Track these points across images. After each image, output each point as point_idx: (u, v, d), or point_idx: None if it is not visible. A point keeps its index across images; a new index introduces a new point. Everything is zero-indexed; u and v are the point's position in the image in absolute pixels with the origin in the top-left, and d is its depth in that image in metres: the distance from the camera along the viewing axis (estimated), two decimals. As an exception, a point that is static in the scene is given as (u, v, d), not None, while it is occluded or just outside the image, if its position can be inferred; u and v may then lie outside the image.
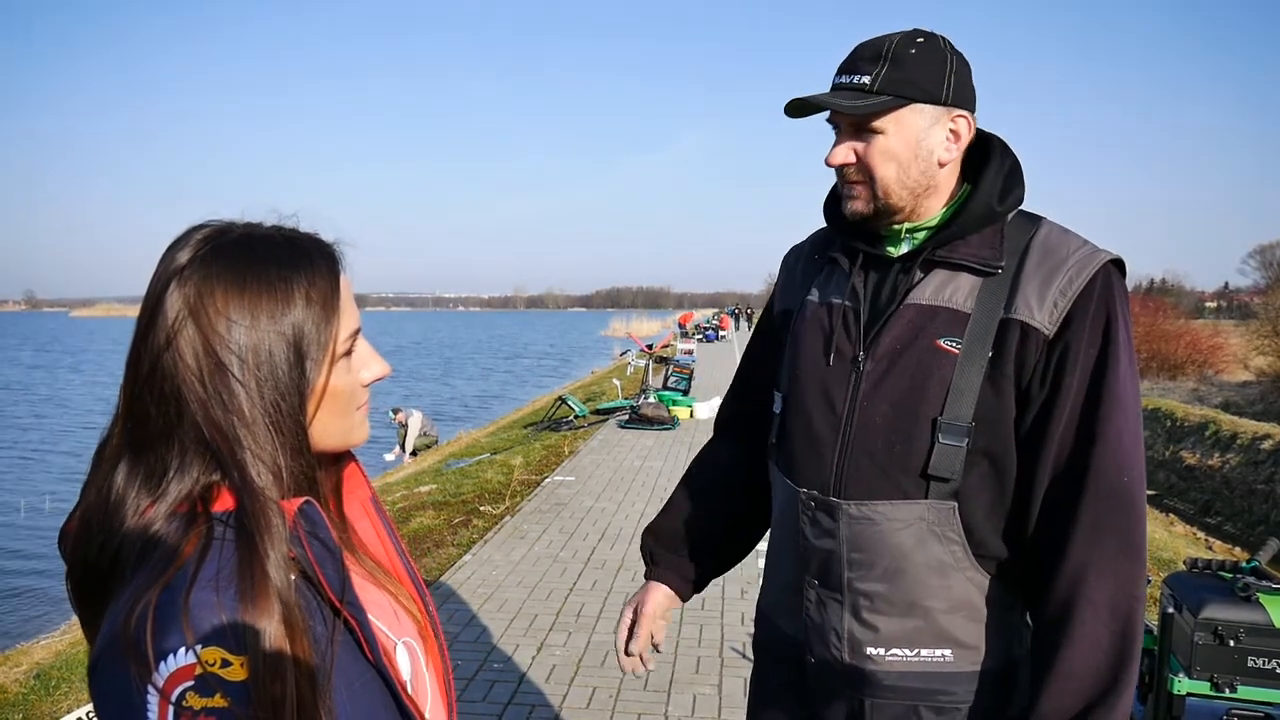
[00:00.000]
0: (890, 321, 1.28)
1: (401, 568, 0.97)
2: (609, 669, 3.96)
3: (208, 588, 0.71)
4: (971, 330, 1.23)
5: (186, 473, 0.77)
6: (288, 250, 0.83)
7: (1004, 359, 1.22)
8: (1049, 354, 1.21)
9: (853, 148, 1.28)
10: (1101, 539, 1.18)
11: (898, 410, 1.25)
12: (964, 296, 1.25)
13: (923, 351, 1.25)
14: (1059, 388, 1.21)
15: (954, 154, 1.28)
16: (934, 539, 1.25)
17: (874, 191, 1.28)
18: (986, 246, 1.26)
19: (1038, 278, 1.23)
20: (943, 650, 1.27)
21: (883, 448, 1.26)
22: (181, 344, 0.76)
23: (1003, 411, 1.23)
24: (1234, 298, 77.18)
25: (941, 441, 1.22)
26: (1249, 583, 2.33)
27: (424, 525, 6.59)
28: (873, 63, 1.24)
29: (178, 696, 0.67)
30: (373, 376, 0.90)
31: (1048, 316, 1.21)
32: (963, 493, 1.24)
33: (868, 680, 1.29)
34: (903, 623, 1.27)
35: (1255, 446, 12.38)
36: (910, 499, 1.24)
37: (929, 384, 1.23)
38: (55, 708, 3.89)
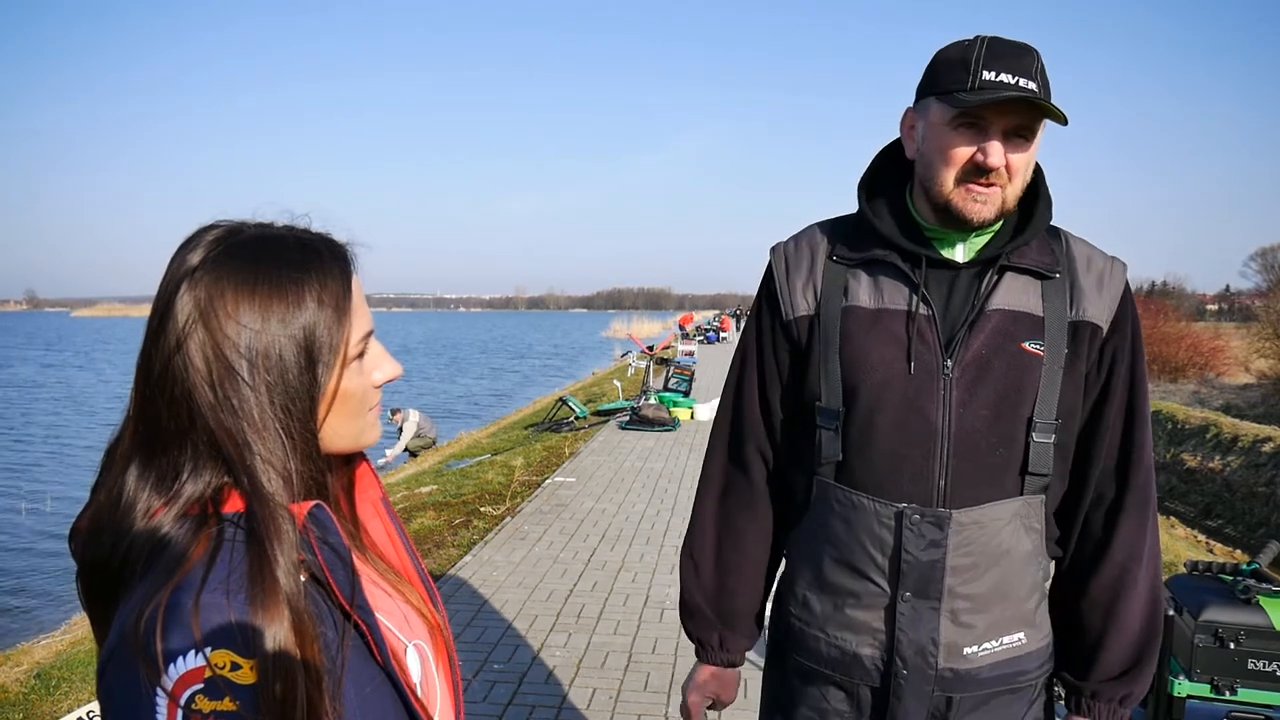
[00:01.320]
0: (976, 327, 1.30)
1: (412, 568, 0.97)
2: (609, 669, 3.96)
3: (218, 590, 0.71)
4: (1049, 331, 1.31)
5: (199, 476, 0.77)
6: (299, 252, 0.82)
7: (1078, 357, 1.32)
8: (1103, 348, 1.34)
9: (1004, 151, 1.24)
10: (1146, 505, 1.36)
11: (997, 414, 1.29)
12: (1034, 300, 1.32)
13: (1011, 355, 1.30)
14: (1112, 377, 1.34)
15: None
16: (1024, 531, 1.33)
17: (1005, 197, 1.27)
18: (1044, 253, 1.34)
19: (1091, 280, 1.34)
20: (1019, 634, 1.36)
21: (985, 451, 1.29)
22: (192, 347, 0.76)
23: (1078, 406, 1.34)
24: (1235, 300, 77.14)
25: (1036, 440, 1.30)
26: (1249, 585, 2.33)
27: (425, 526, 6.59)
28: (1032, 70, 1.22)
29: (187, 699, 0.67)
30: (385, 378, 0.89)
31: (1105, 315, 1.33)
32: (1050, 485, 1.35)
33: (959, 679, 1.33)
34: (993, 615, 1.34)
35: (1256, 449, 12.37)
36: (1010, 497, 1.31)
37: (1023, 386, 1.29)
38: (56, 707, 3.90)
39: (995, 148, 1.23)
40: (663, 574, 5.39)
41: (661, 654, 4.15)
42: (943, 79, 1.26)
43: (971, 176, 1.25)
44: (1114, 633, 1.36)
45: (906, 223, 1.35)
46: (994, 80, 1.21)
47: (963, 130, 1.25)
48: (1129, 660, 1.37)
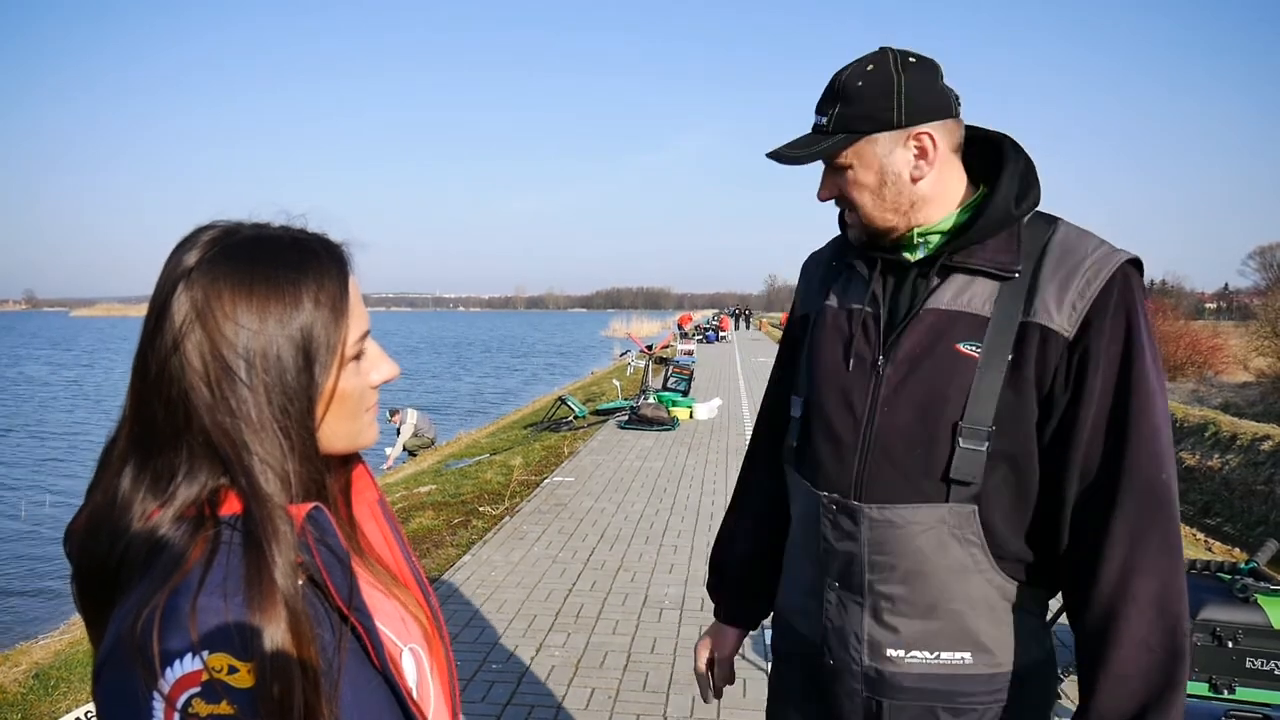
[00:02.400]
0: (910, 327, 1.30)
1: (408, 572, 0.97)
2: (607, 669, 3.96)
3: (215, 593, 0.70)
4: (991, 334, 1.24)
5: (195, 477, 0.76)
6: (296, 252, 0.82)
7: (1024, 362, 1.22)
8: (1070, 356, 1.21)
9: (834, 182, 1.33)
10: (1144, 538, 1.18)
11: (919, 415, 1.26)
12: (982, 301, 1.26)
13: (943, 356, 1.26)
14: (1082, 388, 1.21)
15: (926, 169, 1.29)
16: (954, 542, 1.26)
17: (862, 218, 1.33)
18: (1003, 250, 1.27)
19: (1056, 280, 1.23)
20: (962, 653, 1.28)
21: (903, 452, 1.27)
22: (188, 348, 0.76)
23: (1024, 414, 1.23)
24: (1234, 299, 77.23)
25: (962, 446, 1.23)
26: (1247, 584, 2.33)
27: (423, 526, 6.59)
28: (830, 102, 1.30)
29: (184, 703, 0.67)
30: (382, 378, 0.89)
31: (1067, 319, 1.21)
32: (983, 496, 1.25)
33: (887, 682, 1.30)
34: (923, 625, 1.28)
35: (1255, 448, 12.38)
36: (931, 502, 1.25)
37: (949, 388, 1.24)
38: (54, 708, 3.89)
39: (821, 186, 1.36)
40: (661, 574, 5.39)
41: (660, 654, 4.15)
42: None
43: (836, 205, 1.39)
44: (1104, 682, 1.18)
45: None
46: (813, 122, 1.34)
47: None
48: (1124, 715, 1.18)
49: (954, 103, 1.30)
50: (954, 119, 1.30)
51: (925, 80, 1.28)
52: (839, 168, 1.31)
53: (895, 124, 1.26)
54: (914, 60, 1.28)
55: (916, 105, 1.26)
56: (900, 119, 1.26)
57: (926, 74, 1.28)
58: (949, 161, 1.31)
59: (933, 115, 1.27)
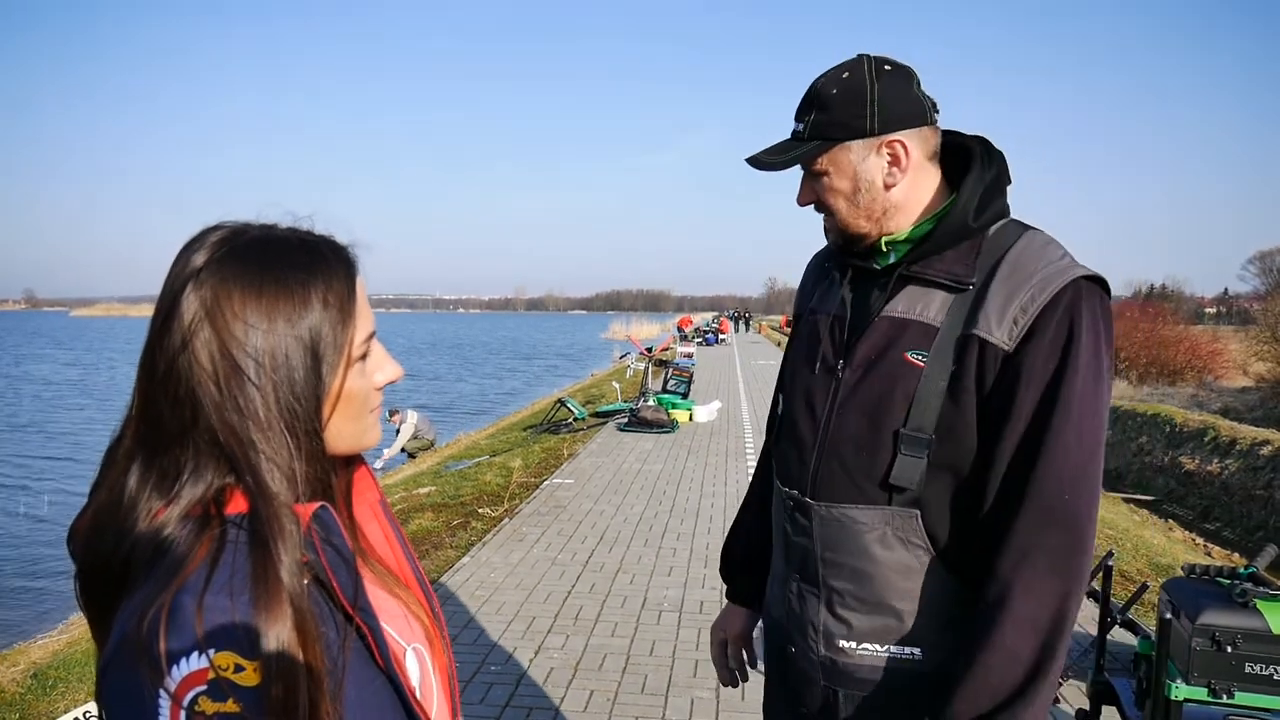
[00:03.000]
0: (866, 333, 1.34)
1: (410, 572, 0.97)
2: (606, 671, 3.97)
3: (221, 592, 0.71)
4: (937, 344, 1.26)
5: (201, 476, 0.77)
6: (304, 253, 0.82)
7: (964, 373, 1.23)
8: (1006, 369, 1.21)
9: (811, 188, 1.36)
10: (1031, 556, 1.18)
11: (866, 419, 1.31)
12: (935, 311, 1.28)
13: (892, 363, 1.29)
14: (1012, 402, 1.21)
15: (899, 176, 1.30)
16: (899, 544, 1.29)
17: (838, 224, 1.36)
18: (960, 262, 1.28)
19: (1001, 294, 1.23)
20: (912, 649, 1.31)
21: (851, 454, 1.31)
22: (197, 346, 0.76)
23: (963, 425, 1.24)
24: (1234, 304, 77.29)
25: (903, 453, 1.26)
26: (1247, 589, 2.33)
27: (423, 527, 6.59)
28: (807, 109, 1.32)
29: (190, 701, 0.67)
30: (386, 379, 0.89)
31: (1007, 333, 1.22)
32: (925, 502, 1.27)
33: (840, 672, 1.36)
34: (873, 620, 1.32)
35: (1254, 452, 12.39)
36: (875, 505, 1.29)
37: (894, 395, 1.28)
38: (52, 707, 3.89)
39: (800, 191, 1.38)
40: (660, 576, 5.40)
41: (659, 656, 4.16)
42: None
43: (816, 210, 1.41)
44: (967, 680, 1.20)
45: None
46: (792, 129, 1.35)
47: None
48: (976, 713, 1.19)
49: (929, 110, 1.31)
50: (929, 126, 1.31)
51: (899, 88, 1.29)
52: (816, 174, 1.33)
53: (868, 131, 1.28)
54: (889, 68, 1.30)
55: (890, 113, 1.28)
56: (873, 126, 1.28)
57: (901, 81, 1.29)
58: (923, 169, 1.32)
59: (906, 123, 1.29)
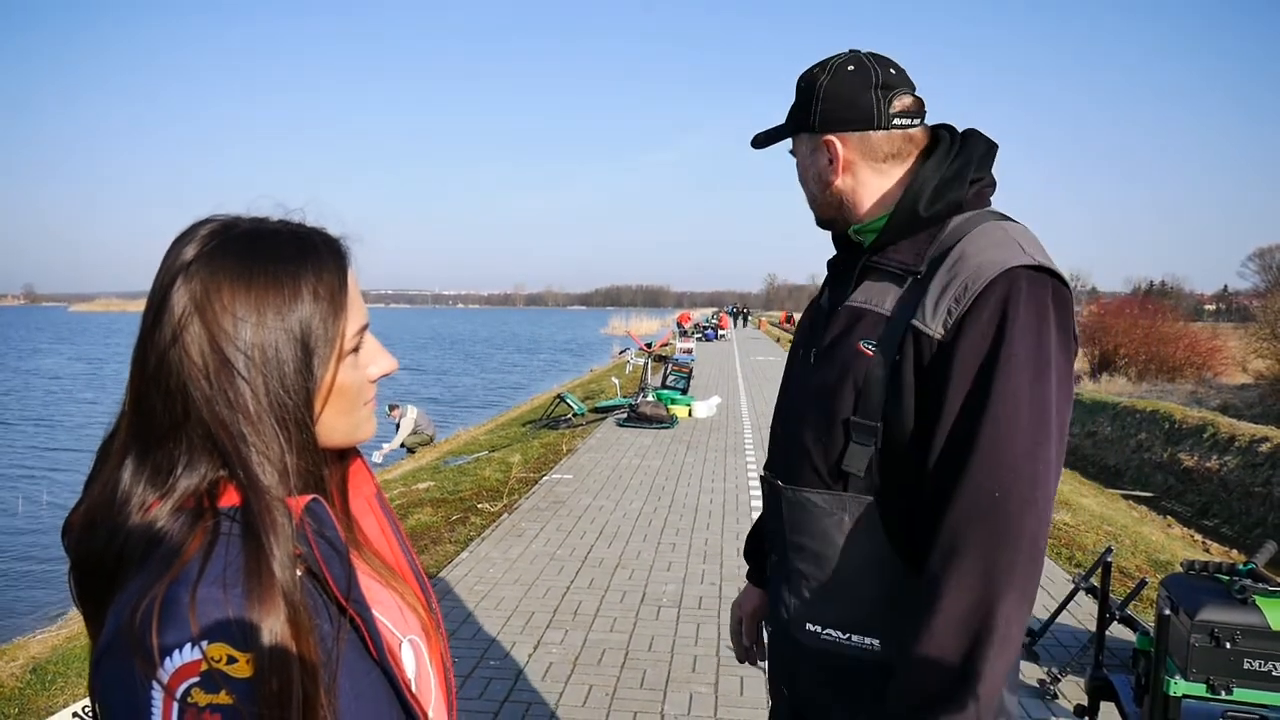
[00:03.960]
0: (830, 322, 1.37)
1: (405, 564, 0.97)
2: (605, 667, 3.97)
3: (214, 584, 0.71)
4: (884, 334, 1.27)
5: (193, 469, 0.77)
6: (294, 245, 0.82)
7: (904, 364, 1.24)
8: (938, 360, 1.20)
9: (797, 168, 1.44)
10: (960, 552, 1.14)
11: (819, 406, 1.33)
12: (890, 301, 1.29)
13: (846, 352, 1.31)
14: (942, 395, 1.19)
15: (837, 175, 1.35)
16: (858, 531, 1.29)
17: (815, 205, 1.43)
18: (912, 253, 1.29)
19: (939, 284, 1.22)
20: (871, 639, 1.30)
21: (810, 440, 1.34)
22: (187, 340, 0.76)
23: (904, 415, 1.23)
24: (1233, 301, 77.28)
25: (854, 440, 1.28)
26: (1246, 585, 2.34)
27: (422, 522, 6.59)
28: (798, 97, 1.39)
29: (183, 693, 0.67)
30: (380, 372, 0.89)
31: (940, 323, 1.20)
32: (881, 490, 1.27)
33: (804, 652, 1.38)
34: (833, 605, 1.33)
35: (1253, 449, 12.40)
36: (831, 490, 1.31)
37: (844, 383, 1.30)
38: (51, 702, 3.90)
39: None
40: (659, 571, 5.40)
41: (658, 651, 4.16)
42: None
43: None
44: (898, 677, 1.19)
45: None
46: None
47: None
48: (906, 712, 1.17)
49: (880, 114, 1.30)
50: (880, 130, 1.31)
51: (851, 88, 1.30)
52: (793, 156, 1.43)
53: (811, 127, 1.35)
54: (851, 67, 1.31)
55: (830, 114, 1.32)
56: (815, 123, 1.34)
57: (855, 81, 1.30)
58: (869, 169, 1.34)
59: (845, 125, 1.32)
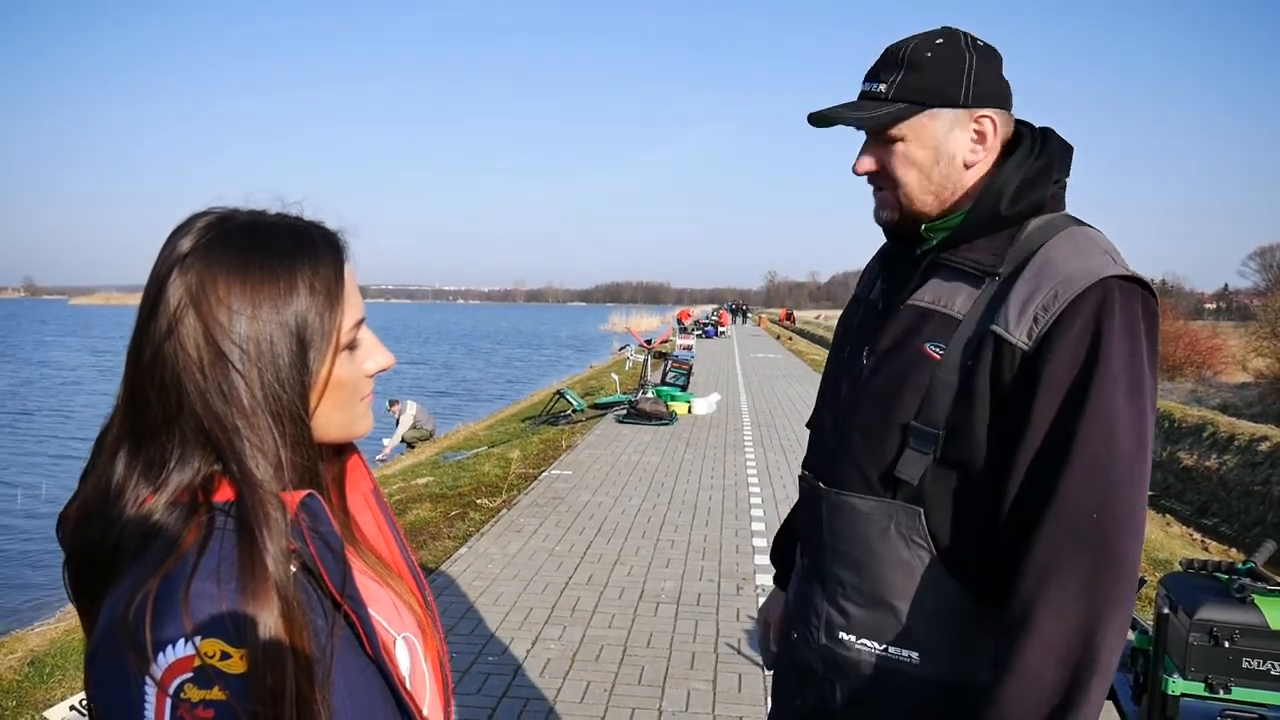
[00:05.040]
0: (890, 321, 1.30)
1: (402, 561, 0.97)
2: (604, 663, 3.97)
3: (208, 579, 0.70)
4: (956, 338, 1.21)
5: (187, 463, 0.76)
6: (291, 239, 0.82)
7: (979, 370, 1.17)
8: (1025, 371, 1.15)
9: (877, 155, 1.27)
10: (1059, 576, 1.10)
11: (877, 409, 1.28)
12: (961, 302, 1.22)
13: (909, 354, 1.25)
14: (1030, 408, 1.14)
15: (981, 155, 1.25)
16: (900, 540, 1.24)
17: (898, 198, 1.27)
18: (990, 252, 1.22)
19: (1024, 290, 1.17)
20: (910, 652, 1.25)
21: (860, 442, 1.29)
22: (182, 333, 0.76)
23: (974, 423, 1.18)
24: (1233, 299, 77.25)
25: (910, 446, 1.22)
26: (1245, 584, 2.33)
27: (420, 517, 6.59)
28: (891, 69, 1.24)
29: (176, 688, 0.67)
30: (377, 367, 0.89)
31: (1025, 332, 1.15)
32: (929, 500, 1.22)
33: (838, 664, 1.32)
34: (871, 615, 1.28)
35: (1253, 448, 12.40)
36: (878, 496, 1.26)
37: (905, 387, 1.23)
38: (49, 695, 3.90)
39: (859, 157, 1.30)
40: (658, 568, 5.40)
41: (656, 648, 4.16)
42: None
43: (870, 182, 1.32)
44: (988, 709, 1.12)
45: None
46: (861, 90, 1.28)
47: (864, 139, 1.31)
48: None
49: (1010, 95, 1.29)
50: (1009, 112, 1.28)
51: (992, 65, 1.25)
52: (888, 140, 1.24)
53: (961, 102, 1.22)
54: (981, 44, 1.26)
55: (983, 88, 1.23)
56: (968, 97, 1.22)
57: (993, 60, 1.26)
58: (996, 152, 1.27)
59: (996, 102, 1.25)
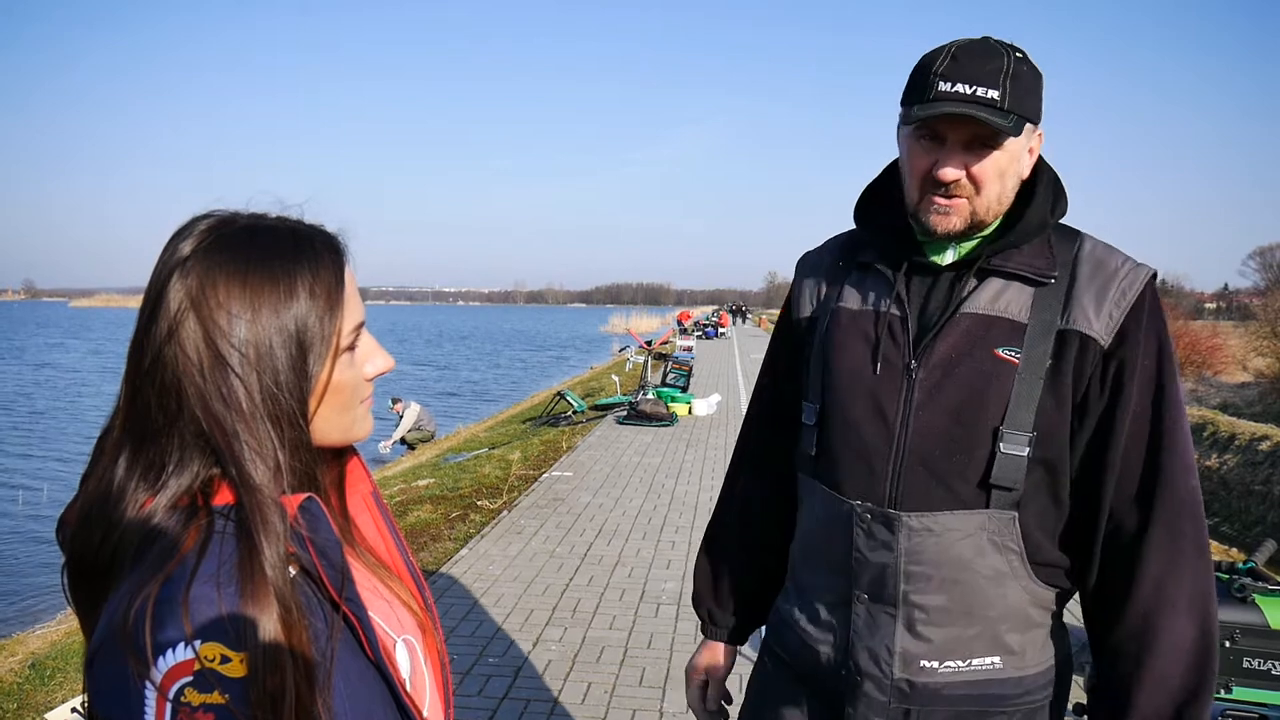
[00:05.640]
0: (945, 330, 1.27)
1: (401, 563, 0.97)
2: (604, 664, 3.97)
3: (208, 583, 0.70)
4: (1030, 340, 1.24)
5: (186, 466, 0.76)
6: (292, 242, 0.82)
7: (1063, 369, 1.23)
8: (1105, 364, 1.23)
9: (965, 161, 1.24)
10: (1179, 543, 1.20)
11: (957, 419, 1.24)
12: (1019, 306, 1.26)
13: (981, 361, 1.24)
14: (1119, 397, 1.22)
15: (1029, 168, 1.29)
16: (993, 549, 1.25)
17: (974, 207, 1.25)
18: (1040, 257, 1.27)
19: (1092, 289, 1.24)
20: (992, 658, 1.27)
21: (941, 457, 1.25)
22: (182, 336, 0.76)
23: (1061, 421, 1.24)
24: (1233, 299, 77.18)
25: (1004, 451, 1.22)
26: (1245, 584, 2.33)
27: (421, 519, 6.59)
28: (996, 77, 1.20)
29: (176, 692, 0.67)
30: (376, 371, 0.89)
31: (1104, 327, 1.22)
32: (1022, 502, 1.25)
33: (919, 693, 1.28)
34: (959, 633, 1.27)
35: (1253, 448, 12.39)
36: (970, 509, 1.24)
37: (989, 393, 1.23)
38: (50, 698, 3.90)
39: (949, 161, 1.23)
40: (659, 569, 5.40)
41: (657, 649, 4.16)
42: (909, 89, 1.26)
43: (932, 188, 1.25)
44: (1141, 692, 1.20)
45: (905, 227, 1.35)
46: (949, 91, 1.20)
47: (924, 142, 1.25)
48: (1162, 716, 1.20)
49: None
50: None
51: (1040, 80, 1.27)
52: (986, 148, 1.22)
53: (1038, 117, 1.26)
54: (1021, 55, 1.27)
55: (1041, 105, 1.26)
56: (1039, 114, 1.26)
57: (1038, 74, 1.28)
58: None
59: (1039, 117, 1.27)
